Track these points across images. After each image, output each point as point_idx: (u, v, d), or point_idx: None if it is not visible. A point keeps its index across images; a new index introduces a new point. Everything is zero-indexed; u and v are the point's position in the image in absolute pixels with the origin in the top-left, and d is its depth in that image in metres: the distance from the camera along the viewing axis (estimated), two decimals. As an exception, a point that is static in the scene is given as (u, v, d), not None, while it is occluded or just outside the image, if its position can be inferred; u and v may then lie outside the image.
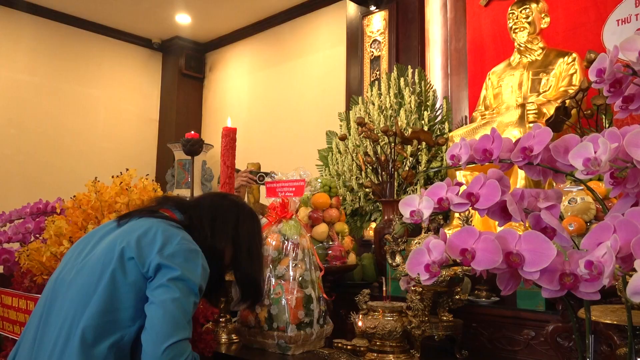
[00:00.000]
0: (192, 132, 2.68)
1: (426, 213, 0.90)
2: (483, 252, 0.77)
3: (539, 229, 0.88)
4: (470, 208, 0.94)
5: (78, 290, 1.23)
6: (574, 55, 2.79)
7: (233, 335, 2.18)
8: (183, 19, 5.93)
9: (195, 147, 2.57)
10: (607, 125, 2.19)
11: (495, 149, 1.00)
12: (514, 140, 1.00)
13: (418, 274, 0.80)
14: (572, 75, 2.75)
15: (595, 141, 0.69)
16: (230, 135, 2.36)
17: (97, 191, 1.87)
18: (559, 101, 2.46)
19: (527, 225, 0.92)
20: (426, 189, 0.96)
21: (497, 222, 2.42)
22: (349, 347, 1.65)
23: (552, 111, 2.32)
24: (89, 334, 1.18)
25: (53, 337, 1.22)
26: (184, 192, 5.34)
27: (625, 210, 0.82)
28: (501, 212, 0.93)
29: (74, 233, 1.79)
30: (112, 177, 1.96)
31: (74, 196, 1.90)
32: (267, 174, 2.53)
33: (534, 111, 2.52)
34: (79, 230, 1.80)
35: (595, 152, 0.68)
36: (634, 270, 0.62)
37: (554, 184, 2.21)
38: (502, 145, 0.99)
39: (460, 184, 0.96)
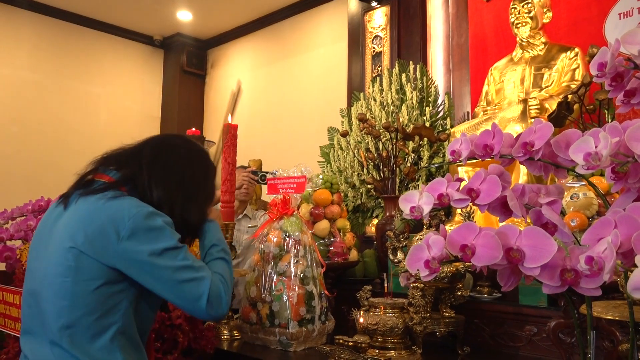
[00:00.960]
0: (193, 128, 2.68)
1: (426, 209, 0.89)
2: (483, 248, 0.76)
3: (540, 225, 0.88)
4: (471, 204, 0.93)
5: (51, 306, 1.13)
6: (577, 50, 2.78)
7: (235, 332, 2.18)
8: (184, 16, 5.93)
9: (196, 144, 2.57)
10: (609, 120, 2.18)
11: (496, 144, 0.99)
12: (515, 136, 0.99)
13: (418, 270, 0.79)
14: (574, 70, 2.74)
15: (596, 136, 0.68)
16: (231, 132, 2.36)
17: (98, 188, 1.86)
18: (561, 96, 2.45)
19: (528, 220, 0.91)
20: (427, 185, 0.96)
21: (498, 218, 2.40)
22: (350, 343, 1.65)
23: (554, 106, 2.31)
24: (83, 338, 1.12)
25: (45, 338, 1.15)
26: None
27: (627, 206, 0.81)
28: (502, 208, 0.93)
29: (75, 230, 1.78)
30: (113, 174, 1.96)
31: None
32: (268, 173, 2.53)
33: (536, 106, 2.51)
34: (80, 228, 1.80)
35: (595, 147, 0.68)
36: (635, 265, 0.61)
37: (556, 180, 2.20)
38: (503, 141, 0.98)
39: (460, 180, 0.95)
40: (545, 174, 0.99)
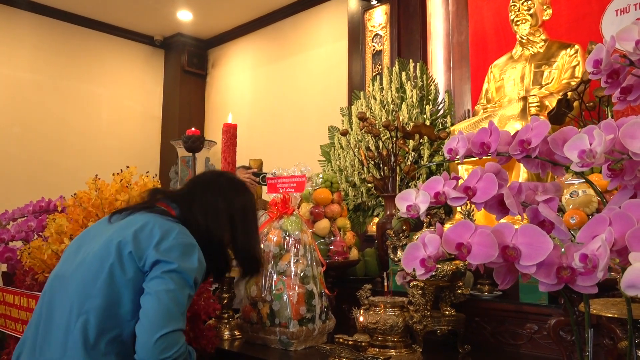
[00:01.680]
0: (193, 128, 2.68)
1: (423, 207, 0.89)
2: (479, 246, 0.76)
3: (537, 223, 0.88)
4: (468, 202, 0.93)
5: (77, 286, 1.24)
6: (577, 47, 2.77)
7: (235, 332, 2.18)
8: (185, 16, 5.93)
9: (196, 144, 2.57)
10: (609, 117, 2.18)
11: (493, 142, 0.99)
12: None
13: (414, 269, 0.79)
14: (574, 67, 2.73)
15: (591, 133, 0.68)
16: (230, 132, 2.36)
17: (97, 189, 1.87)
18: (561, 94, 2.44)
19: (525, 218, 0.91)
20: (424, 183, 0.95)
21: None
22: (350, 342, 1.65)
23: (554, 104, 2.30)
24: (91, 330, 1.20)
25: (56, 333, 1.24)
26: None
27: (622, 203, 0.81)
28: (498, 206, 0.93)
29: (74, 231, 1.79)
30: (113, 174, 1.96)
31: (75, 194, 1.91)
32: (269, 174, 2.53)
33: (536, 104, 2.51)
34: (79, 228, 1.80)
35: (590, 144, 0.67)
36: (630, 263, 0.61)
37: (556, 178, 2.20)
38: (500, 139, 0.98)
39: (457, 178, 0.95)
40: (542, 171, 0.99)
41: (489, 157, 1.02)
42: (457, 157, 1.00)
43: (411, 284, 1.88)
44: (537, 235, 0.75)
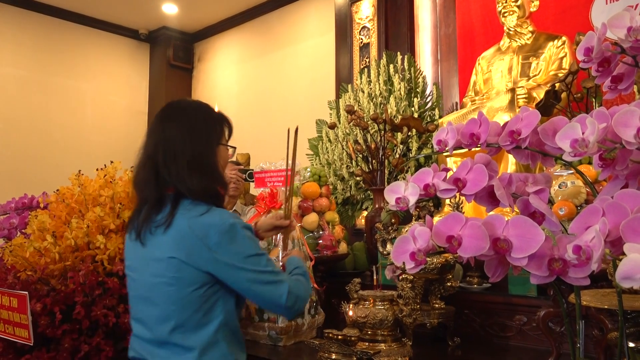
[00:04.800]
0: (179, 123, 2.64)
1: (412, 200, 0.88)
2: (470, 238, 0.75)
3: (528, 214, 0.86)
4: (457, 194, 0.91)
5: (160, 302, 1.25)
6: (564, 38, 2.77)
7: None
8: (170, 9, 5.85)
9: (182, 138, 2.53)
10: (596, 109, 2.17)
11: (482, 133, 0.97)
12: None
13: (403, 262, 0.77)
14: (562, 58, 2.73)
15: (583, 122, 0.66)
16: (217, 126, 2.32)
17: (80, 185, 1.83)
18: (549, 85, 2.44)
19: (515, 210, 0.90)
20: (413, 175, 0.94)
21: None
22: (340, 337, 1.63)
23: (542, 95, 2.30)
24: (187, 334, 1.23)
25: (154, 339, 1.27)
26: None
27: (614, 193, 0.80)
28: (489, 198, 0.91)
29: (57, 227, 1.75)
30: (97, 170, 1.92)
31: (57, 190, 1.87)
32: (253, 170, 2.51)
33: (524, 96, 2.50)
34: (62, 225, 1.76)
35: (583, 133, 0.66)
36: (624, 254, 0.60)
37: (545, 169, 2.19)
38: (490, 129, 0.96)
39: (447, 169, 0.93)
40: (532, 162, 0.98)
41: (478, 148, 1.01)
42: (447, 148, 0.98)
43: (400, 277, 1.88)
44: (529, 227, 0.74)
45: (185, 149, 1.29)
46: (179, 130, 1.31)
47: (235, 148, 1.50)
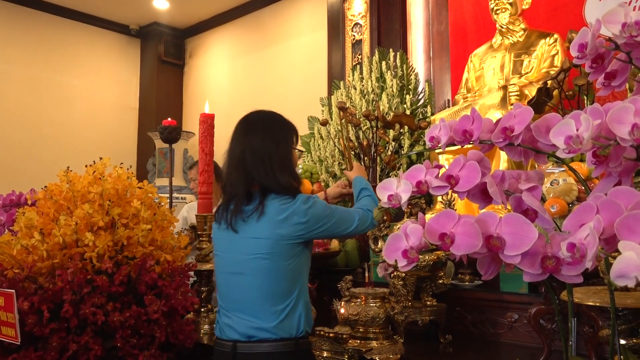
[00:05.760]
0: (169, 119, 2.62)
1: (404, 197, 0.86)
2: (462, 236, 0.74)
3: (520, 211, 0.85)
4: (450, 191, 0.90)
5: (256, 274, 1.50)
6: (556, 36, 2.77)
7: (215, 325, 2.14)
8: (161, 4, 5.80)
9: (172, 135, 2.51)
10: (588, 106, 2.17)
11: (475, 130, 0.96)
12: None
13: (395, 260, 0.76)
14: (553, 56, 2.73)
15: (578, 118, 0.65)
16: (208, 122, 2.31)
17: (69, 181, 1.81)
18: (540, 83, 2.44)
19: (508, 207, 0.89)
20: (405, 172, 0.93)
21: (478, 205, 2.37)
22: (332, 335, 1.63)
23: (534, 93, 2.30)
24: (276, 300, 1.49)
25: (248, 309, 1.52)
26: (165, 182, 5.26)
27: (607, 190, 0.80)
28: (481, 195, 0.90)
29: (45, 225, 1.73)
30: (85, 166, 1.90)
31: (46, 187, 1.84)
32: None
33: (515, 93, 2.50)
34: (50, 222, 1.74)
35: (577, 130, 0.65)
36: (618, 251, 0.59)
37: (537, 166, 2.20)
38: (483, 126, 0.96)
39: (440, 166, 0.92)
40: (525, 159, 0.97)
41: (470, 145, 1.00)
42: (439, 145, 0.98)
43: (392, 275, 1.87)
44: (522, 225, 0.73)
45: (273, 153, 1.57)
46: (264, 139, 1.59)
47: (302, 151, 1.82)
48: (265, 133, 1.60)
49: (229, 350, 1.51)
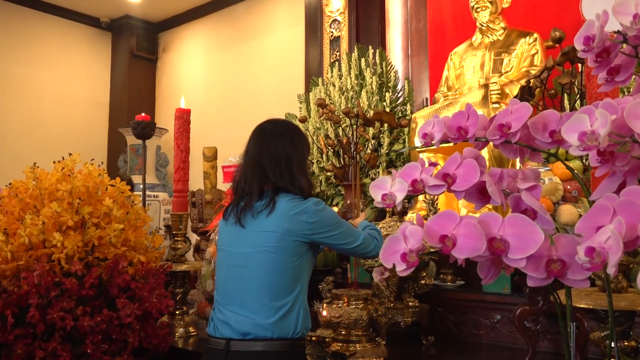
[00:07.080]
0: (143, 114, 2.53)
1: (399, 196, 0.82)
2: (465, 238, 0.69)
3: (519, 212, 0.82)
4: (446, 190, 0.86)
5: (260, 268, 1.50)
6: (535, 35, 2.77)
7: (190, 328, 2.08)
8: (133, -3, 5.64)
9: (146, 130, 2.42)
10: (569, 105, 2.18)
11: (470, 127, 0.92)
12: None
13: (394, 264, 0.72)
14: (533, 55, 2.74)
15: (592, 113, 0.62)
16: (183, 117, 2.23)
17: (36, 178, 1.71)
18: (521, 82, 2.43)
19: (506, 208, 0.85)
20: (389, 172, 0.88)
21: (459, 204, 2.37)
22: (314, 338, 1.57)
23: (515, 92, 2.29)
24: (279, 295, 1.49)
25: (250, 303, 1.50)
26: (137, 179, 5.11)
27: (611, 190, 0.76)
28: (479, 194, 0.86)
29: (9, 224, 1.62)
30: (54, 162, 1.80)
31: (10, 184, 1.74)
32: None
33: (497, 92, 2.50)
34: (15, 221, 1.64)
35: (591, 125, 0.62)
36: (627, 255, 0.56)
37: (518, 165, 2.18)
38: (478, 123, 0.92)
39: (434, 164, 0.88)
40: (520, 157, 0.94)
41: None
42: (433, 142, 0.93)
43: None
44: (527, 226, 0.69)
45: (292, 157, 1.62)
46: (284, 143, 1.63)
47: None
48: (285, 138, 1.65)
49: (221, 349, 1.48)
